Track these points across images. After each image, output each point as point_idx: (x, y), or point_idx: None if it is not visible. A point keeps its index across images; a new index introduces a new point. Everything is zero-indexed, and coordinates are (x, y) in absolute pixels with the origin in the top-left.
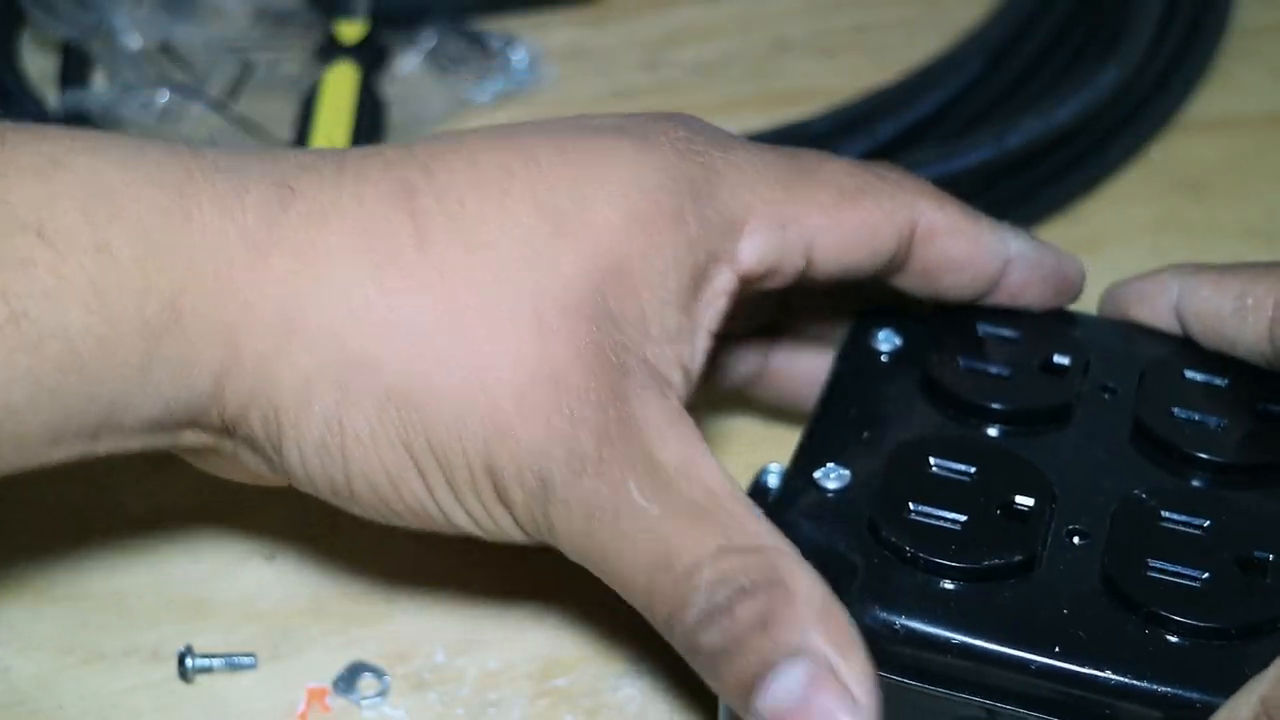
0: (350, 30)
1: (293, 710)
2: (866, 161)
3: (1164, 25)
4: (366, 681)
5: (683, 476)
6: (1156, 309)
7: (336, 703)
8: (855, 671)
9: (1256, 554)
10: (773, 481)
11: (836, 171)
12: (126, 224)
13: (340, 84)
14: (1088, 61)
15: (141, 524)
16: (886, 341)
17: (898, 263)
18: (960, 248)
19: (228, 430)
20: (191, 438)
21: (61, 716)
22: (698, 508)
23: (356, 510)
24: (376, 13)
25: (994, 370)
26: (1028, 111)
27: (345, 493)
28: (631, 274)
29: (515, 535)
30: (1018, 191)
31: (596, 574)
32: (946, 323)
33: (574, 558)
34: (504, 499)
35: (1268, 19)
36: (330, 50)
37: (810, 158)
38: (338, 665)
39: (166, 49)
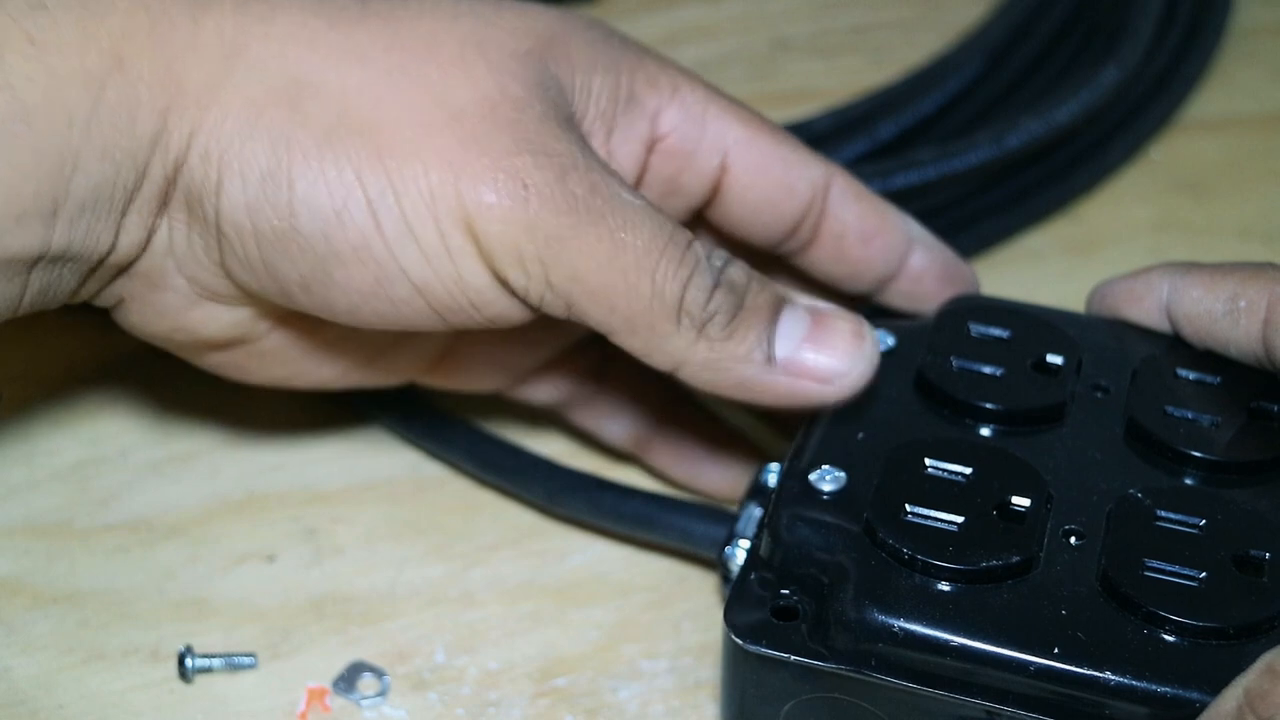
0: None
1: (293, 710)
2: None
3: (1164, 25)
4: (366, 681)
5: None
6: (1146, 309)
7: (336, 702)
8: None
9: (1253, 553)
10: (772, 480)
11: (758, 114)
12: None
13: None
14: (1088, 61)
15: (141, 524)
16: (880, 342)
17: (811, 223)
18: (870, 216)
19: (166, 197)
20: (132, 228)
21: (61, 716)
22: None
23: (295, 248)
24: None
25: (987, 370)
26: (1028, 111)
27: (286, 224)
28: (569, 56)
29: (471, 273)
30: (1018, 191)
31: (579, 291)
32: (940, 323)
33: (557, 295)
34: (467, 222)
35: (1268, 19)
36: None
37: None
38: (338, 665)
39: None
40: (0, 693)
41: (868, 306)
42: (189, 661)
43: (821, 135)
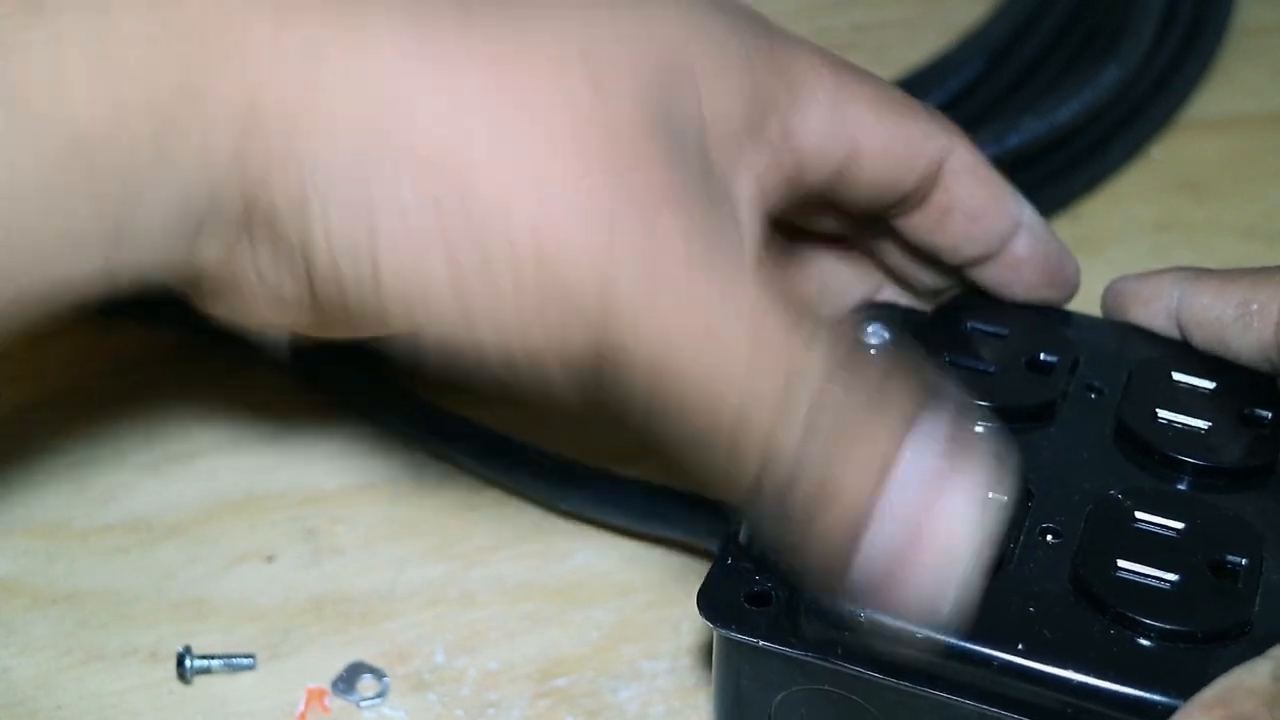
0: None
1: (292, 710)
2: None
3: (1164, 25)
4: (366, 682)
5: (758, 246)
6: (1154, 313)
7: (336, 703)
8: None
9: (1229, 558)
10: None
11: (879, 81)
12: (129, 5)
13: None
14: (1088, 61)
15: (141, 524)
16: (876, 335)
17: (921, 194)
18: (982, 195)
19: (246, 218)
20: (209, 246)
21: (61, 716)
22: (766, 283)
23: (374, 306)
24: None
25: (979, 366)
26: (1028, 111)
27: (371, 284)
28: (693, 73)
29: (554, 367)
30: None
31: (654, 380)
32: (937, 319)
33: (635, 374)
34: (552, 293)
35: (1268, 19)
36: None
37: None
38: (337, 665)
39: None
40: (0, 693)
41: (867, 304)
42: (188, 662)
43: None
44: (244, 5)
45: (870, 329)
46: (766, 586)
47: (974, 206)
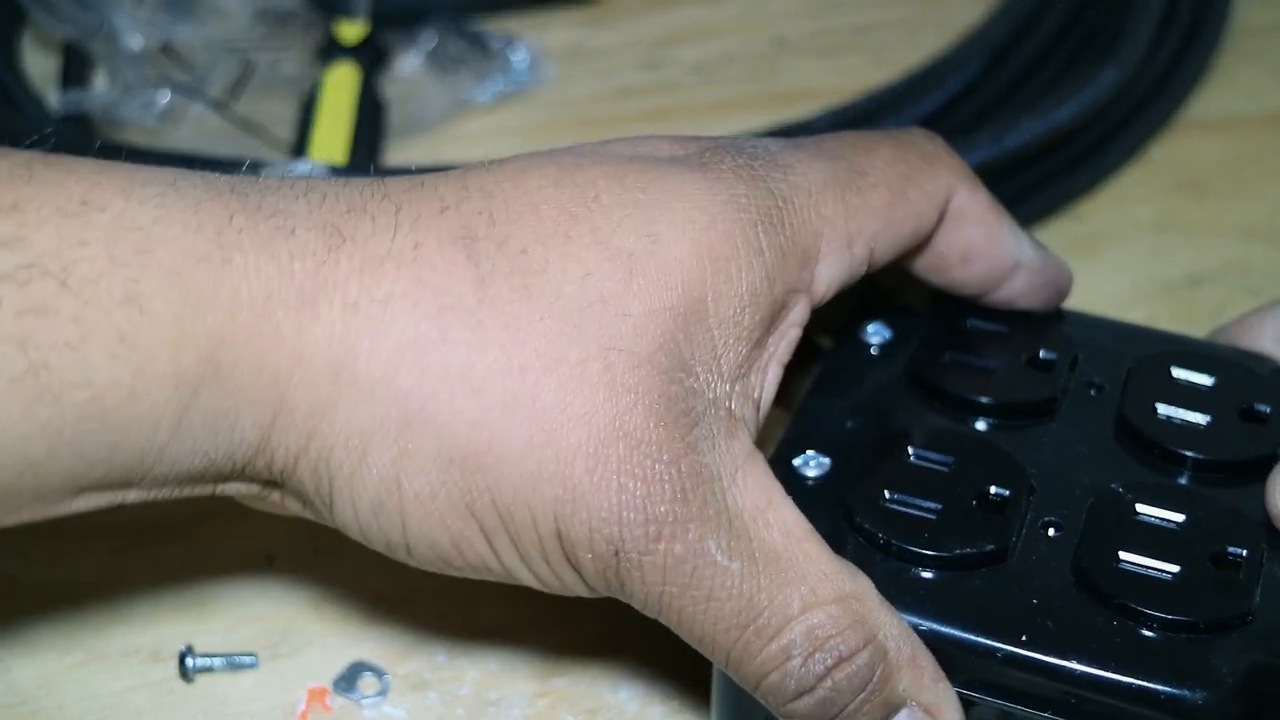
0: (350, 30)
1: (293, 710)
2: (902, 134)
3: (1164, 25)
4: (366, 681)
5: (759, 522)
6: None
7: (337, 702)
8: (947, 705)
9: (1230, 550)
10: None
11: (883, 169)
12: (159, 272)
13: (340, 84)
14: (1088, 61)
15: (141, 524)
16: (877, 334)
17: (924, 242)
18: (981, 238)
19: (275, 482)
20: (236, 488)
21: (61, 716)
22: (777, 555)
23: (412, 563)
24: (376, 13)
25: (980, 364)
26: (1028, 111)
27: (402, 550)
28: (705, 314)
29: (583, 592)
30: (1018, 191)
31: (673, 630)
32: (937, 317)
33: (648, 614)
34: (573, 562)
35: (1268, 19)
36: (330, 50)
37: (853, 153)
38: (338, 665)
39: (167, 49)
40: (0, 693)
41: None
42: (189, 661)
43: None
44: (270, 293)
45: (870, 328)
46: None
47: (974, 249)
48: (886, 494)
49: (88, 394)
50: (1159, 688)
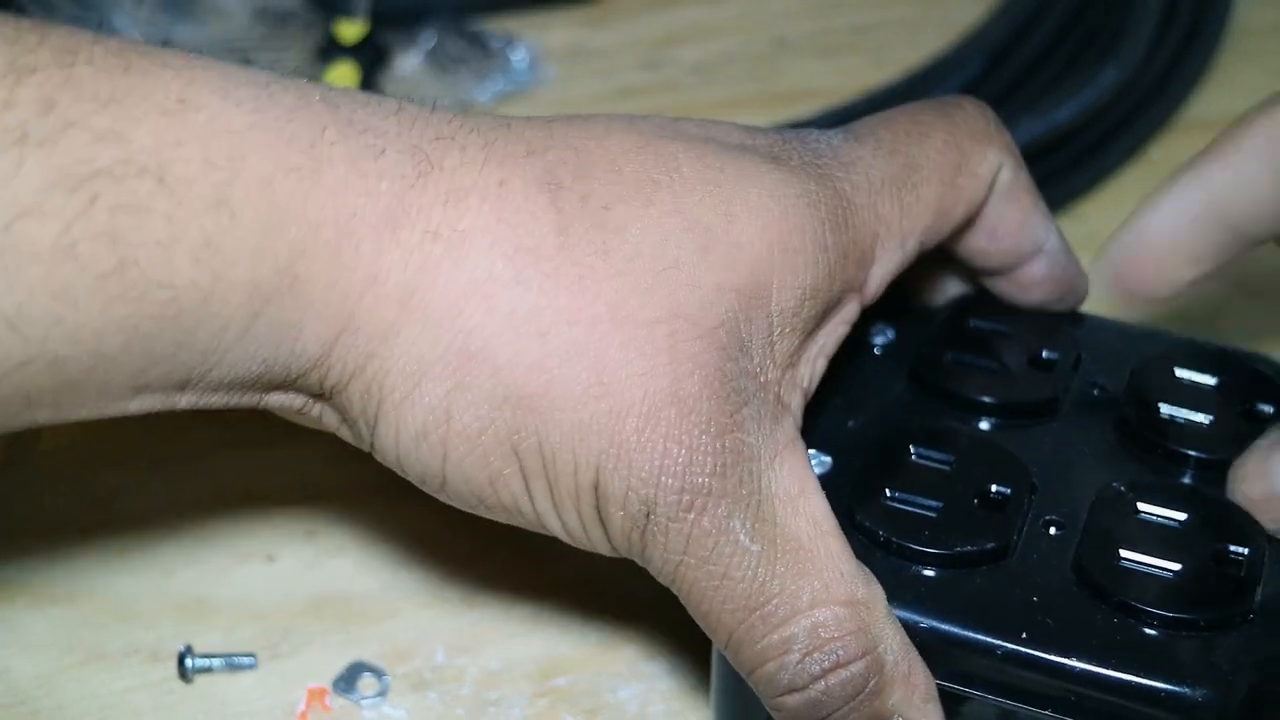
0: (350, 30)
1: (293, 710)
2: (954, 110)
3: (1164, 25)
4: (366, 681)
5: (789, 509)
6: (1173, 250)
7: (336, 702)
8: None
9: (1231, 549)
10: None
11: (936, 160)
12: (251, 180)
13: (340, 84)
14: (1088, 61)
15: (141, 524)
16: (880, 334)
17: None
18: (1014, 217)
19: (323, 396)
20: (279, 399)
21: (61, 716)
22: (799, 546)
23: (441, 497)
24: (376, 13)
25: (982, 364)
26: (1028, 111)
27: (436, 482)
28: (768, 300)
29: (603, 549)
30: None
31: (682, 602)
32: (940, 317)
33: (661, 581)
34: (603, 516)
35: (1268, 19)
36: (330, 50)
37: (908, 144)
38: (338, 665)
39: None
40: (0, 692)
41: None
42: (189, 661)
43: None
44: (355, 211)
45: (875, 327)
46: None
47: (1003, 227)
48: (888, 492)
49: (168, 295)
50: (1160, 685)
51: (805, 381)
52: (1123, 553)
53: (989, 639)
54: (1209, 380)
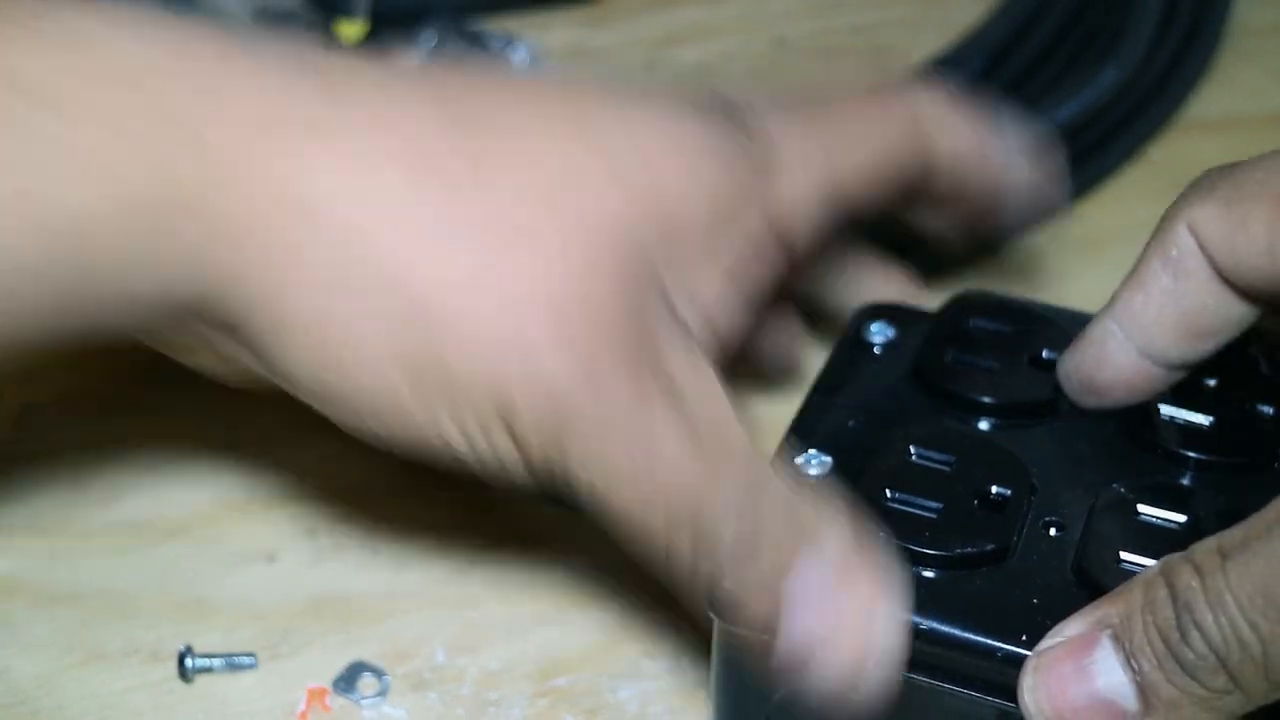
0: (350, 30)
1: (293, 710)
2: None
3: (1164, 25)
4: (366, 681)
5: (700, 403)
6: (1118, 364)
7: (336, 702)
8: (869, 563)
9: None
10: None
11: (845, 94)
12: (149, 102)
13: None
14: (1088, 62)
15: (141, 524)
16: (880, 333)
17: (921, 182)
18: (965, 140)
19: (227, 323)
20: (192, 332)
21: (61, 716)
22: (717, 436)
23: (352, 428)
24: (377, 13)
25: (983, 364)
26: (1028, 111)
27: (338, 401)
28: (673, 217)
29: (516, 469)
30: None
31: (604, 512)
32: (941, 316)
33: (581, 492)
34: (514, 429)
35: (1268, 19)
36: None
37: (818, 94)
38: (338, 665)
39: None
40: (0, 692)
41: (871, 304)
42: (189, 661)
43: None
44: (250, 128)
45: (874, 328)
46: None
47: (957, 154)
48: (888, 493)
49: (68, 220)
50: None
51: (710, 304)
52: (1123, 554)
53: (989, 641)
54: (1210, 380)
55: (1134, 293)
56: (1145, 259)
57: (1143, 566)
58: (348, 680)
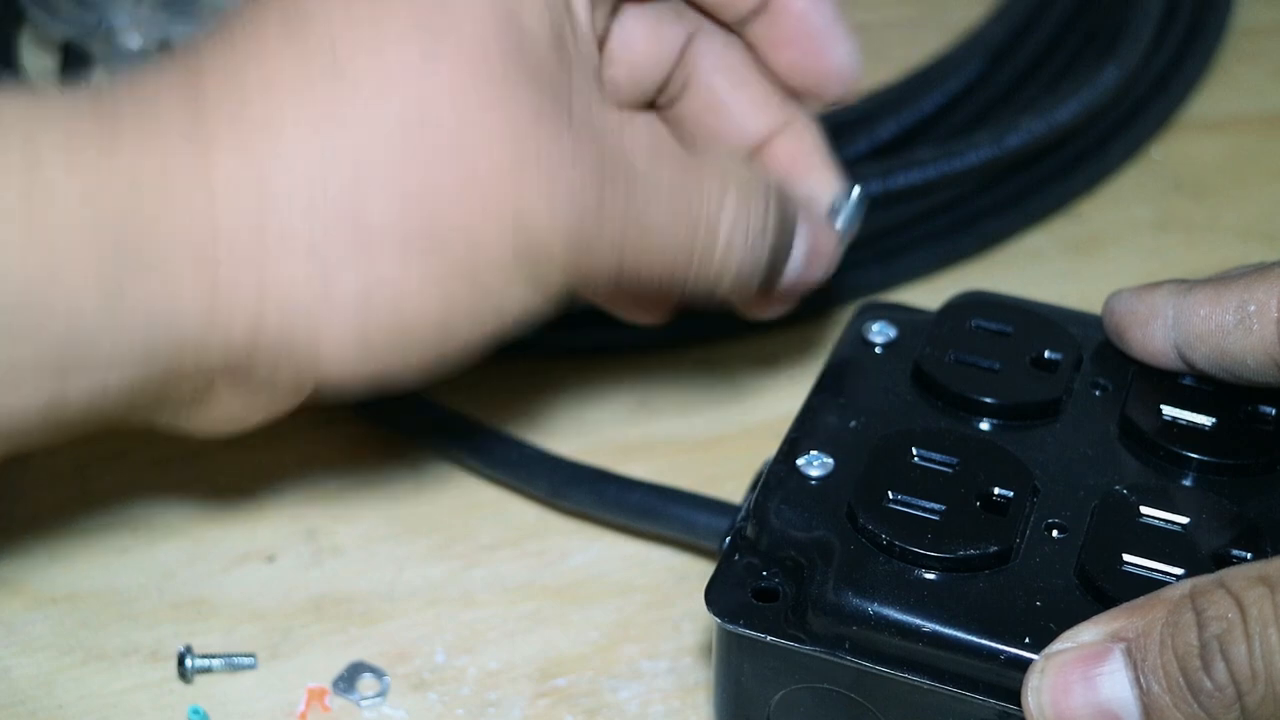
0: None
1: (293, 710)
2: None
3: (1164, 25)
4: (366, 681)
5: (655, 153)
6: (1151, 334)
7: (336, 703)
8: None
9: (1234, 553)
10: None
11: None
12: (60, 156)
13: None
14: (1088, 61)
15: (141, 524)
16: (880, 334)
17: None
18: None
19: (238, 360)
20: (174, 386)
21: (61, 716)
22: (685, 165)
23: (412, 360)
24: None
25: (984, 364)
26: (1028, 111)
27: (399, 352)
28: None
29: (553, 282)
30: (1018, 191)
31: (643, 276)
32: (942, 317)
33: (612, 277)
34: (538, 259)
35: (1268, 19)
36: None
37: None
38: (338, 665)
39: (165, 48)
40: (0, 693)
41: (872, 303)
42: (189, 661)
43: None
44: (164, 159)
45: (875, 327)
46: (774, 582)
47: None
48: (890, 495)
49: (18, 280)
50: None
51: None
52: (1125, 557)
53: (992, 643)
54: (1210, 383)
55: (1203, 304)
56: (1231, 284)
57: (1145, 569)
58: (347, 680)
